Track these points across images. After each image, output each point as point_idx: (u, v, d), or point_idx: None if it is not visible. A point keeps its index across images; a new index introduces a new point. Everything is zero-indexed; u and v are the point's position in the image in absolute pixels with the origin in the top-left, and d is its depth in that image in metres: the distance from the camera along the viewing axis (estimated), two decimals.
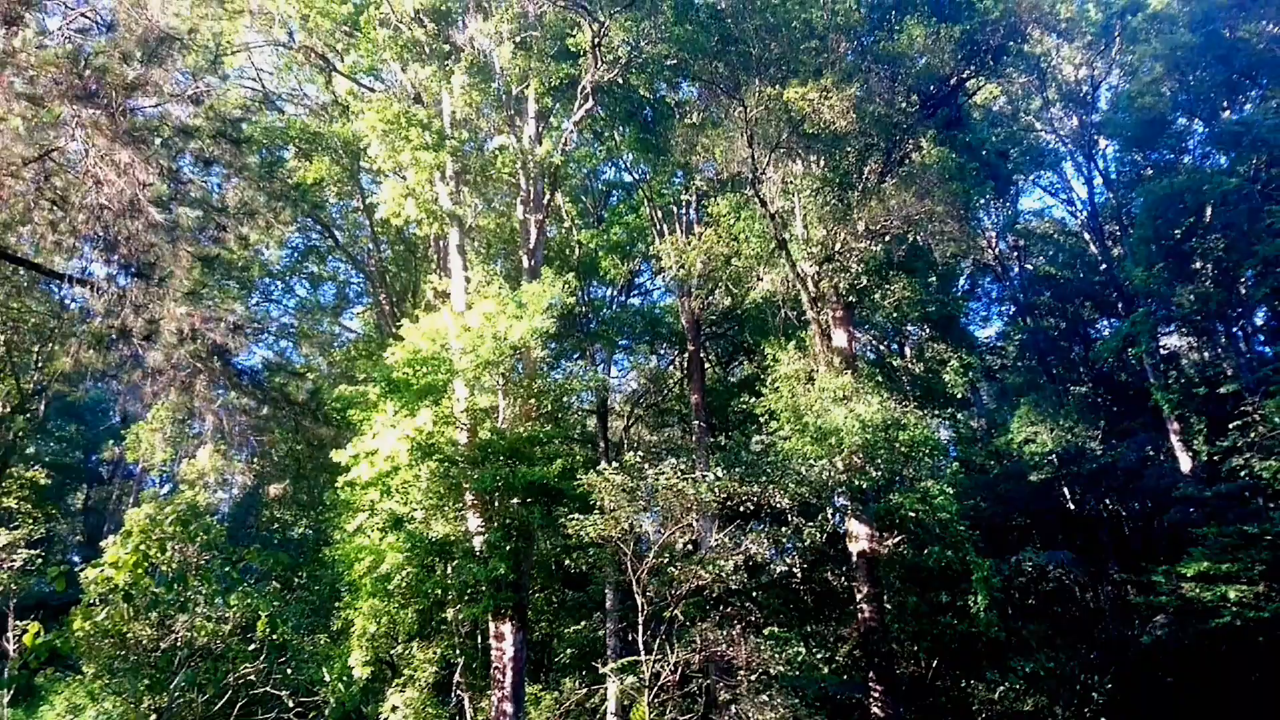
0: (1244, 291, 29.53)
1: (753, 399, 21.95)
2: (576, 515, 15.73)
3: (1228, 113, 31.65)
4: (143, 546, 14.92)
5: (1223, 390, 27.03)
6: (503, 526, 17.05)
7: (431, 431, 16.64)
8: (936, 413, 25.54)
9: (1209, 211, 28.20)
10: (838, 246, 21.20)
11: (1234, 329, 31.06)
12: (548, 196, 23.49)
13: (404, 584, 16.06)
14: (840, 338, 22.23)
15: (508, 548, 16.66)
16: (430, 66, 21.56)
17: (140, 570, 14.64)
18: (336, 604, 17.88)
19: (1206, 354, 32.65)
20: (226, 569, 15.66)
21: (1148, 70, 32.07)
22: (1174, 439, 28.73)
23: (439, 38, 22.17)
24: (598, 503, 15.73)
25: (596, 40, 21.43)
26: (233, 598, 15.66)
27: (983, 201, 31.74)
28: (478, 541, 16.97)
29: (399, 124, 19.96)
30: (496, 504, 17.39)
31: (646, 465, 16.32)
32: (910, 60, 22.08)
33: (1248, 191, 27.04)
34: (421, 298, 25.42)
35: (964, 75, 23.77)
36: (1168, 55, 30.41)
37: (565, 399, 23.74)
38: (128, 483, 41.19)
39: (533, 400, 19.79)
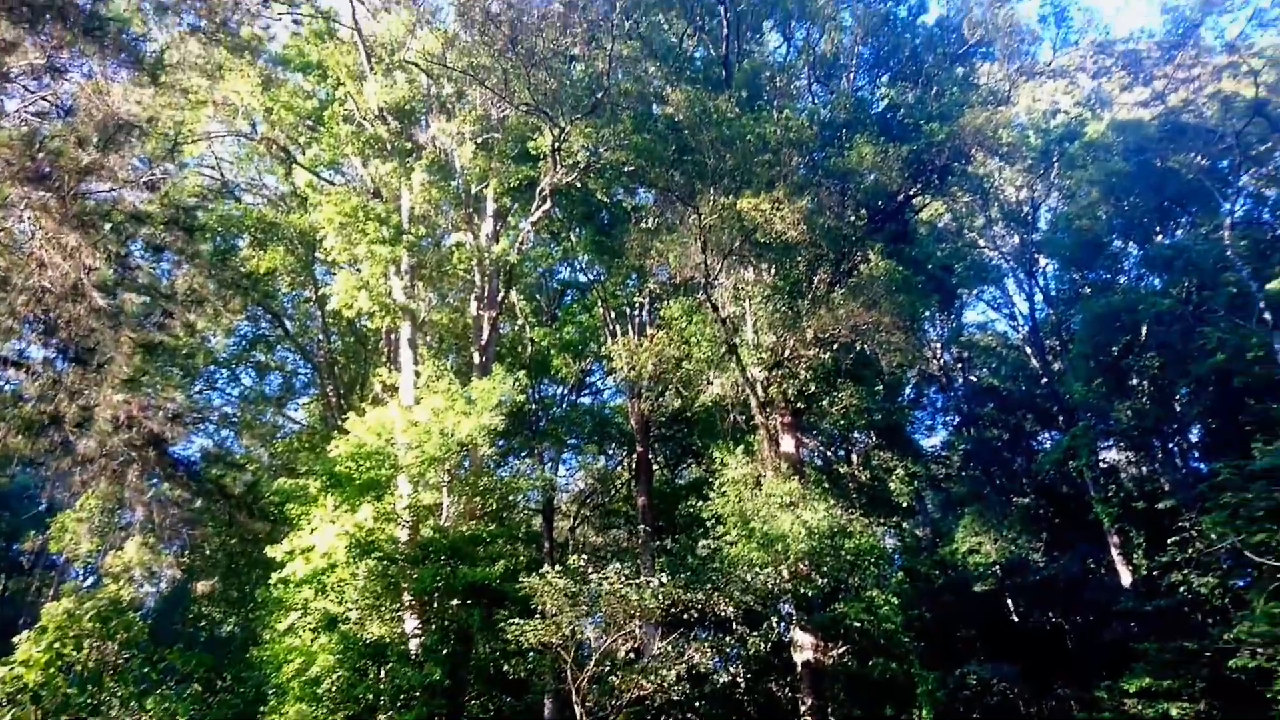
0: (1179, 409, 30.38)
1: (700, 502, 21.80)
2: (517, 620, 15.31)
3: (1160, 237, 33.11)
4: (58, 644, 14.22)
5: (1160, 505, 27.47)
6: (441, 629, 16.52)
7: (372, 528, 16.22)
8: (882, 521, 25.57)
9: (1144, 330, 29.18)
10: (787, 353, 21.49)
11: (1170, 444, 31.79)
12: (502, 294, 23.66)
13: (334, 688, 15.33)
14: (788, 443, 22.35)
15: (445, 651, 16.12)
16: (391, 163, 21.86)
17: (53, 670, 13.91)
18: (261, 709, 17.00)
19: (1144, 468, 33.26)
20: (146, 669, 14.93)
21: (1085, 194, 33.62)
22: (1114, 552, 29.01)
23: (401, 135, 22.57)
24: (539, 607, 15.36)
25: (557, 145, 21.92)
26: (150, 701, 14.86)
27: (928, 314, 32.55)
28: (414, 644, 16.39)
29: (357, 217, 20.07)
30: (435, 605, 16.87)
31: (590, 569, 16.03)
32: (859, 176, 22.84)
33: (1181, 312, 28.10)
34: (369, 390, 25.11)
35: (911, 192, 24.64)
36: (1103, 181, 31.94)
37: (511, 497, 23.38)
38: (49, 574, 39.32)
39: (478, 498, 19.46)
